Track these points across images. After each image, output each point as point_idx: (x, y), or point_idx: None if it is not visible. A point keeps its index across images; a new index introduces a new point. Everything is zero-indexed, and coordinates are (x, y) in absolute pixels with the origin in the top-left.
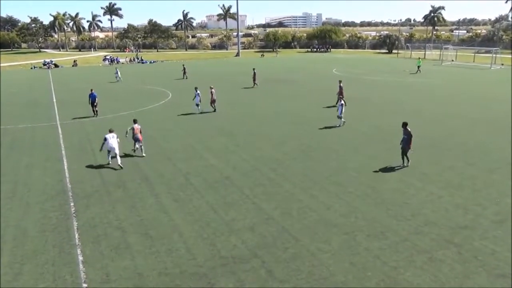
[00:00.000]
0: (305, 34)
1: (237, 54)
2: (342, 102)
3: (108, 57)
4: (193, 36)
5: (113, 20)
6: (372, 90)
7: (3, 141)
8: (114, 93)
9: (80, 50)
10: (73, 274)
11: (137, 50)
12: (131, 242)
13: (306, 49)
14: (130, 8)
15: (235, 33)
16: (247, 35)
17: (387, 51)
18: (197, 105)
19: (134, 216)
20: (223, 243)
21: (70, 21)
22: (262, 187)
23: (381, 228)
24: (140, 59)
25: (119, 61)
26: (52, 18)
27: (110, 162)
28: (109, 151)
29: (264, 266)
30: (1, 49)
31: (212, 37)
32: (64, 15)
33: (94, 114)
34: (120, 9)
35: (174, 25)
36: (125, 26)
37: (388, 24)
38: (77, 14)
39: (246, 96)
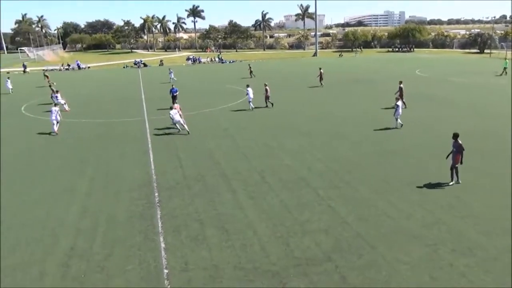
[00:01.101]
0: (386, 33)
1: (315, 54)
2: (399, 103)
3: (191, 57)
4: (271, 36)
5: (196, 21)
6: (458, 92)
7: (98, 134)
8: (194, 91)
9: (166, 51)
10: (156, 259)
11: (217, 50)
12: (208, 235)
13: (387, 49)
14: (212, 10)
15: (313, 33)
16: (325, 35)
17: (478, 50)
18: (249, 102)
19: (211, 210)
20: (297, 244)
21: (157, 23)
22: (337, 189)
23: (468, 243)
24: (220, 59)
25: (200, 61)
26: (142, 21)
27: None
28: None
29: (337, 271)
30: (99, 50)
31: (289, 37)
32: (152, 17)
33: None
34: (202, 11)
35: (253, 25)
36: (207, 27)
37: (479, 21)
38: (164, 17)
39: (320, 96)
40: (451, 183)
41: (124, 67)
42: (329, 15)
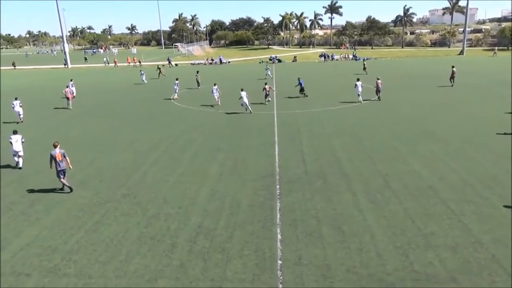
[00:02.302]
0: None
1: (461, 52)
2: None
3: (325, 54)
4: (412, 33)
5: (333, 18)
6: None
7: (232, 124)
8: (323, 88)
9: (300, 47)
10: (271, 249)
11: (352, 47)
12: (324, 233)
13: None
14: (351, 6)
15: (461, 29)
16: (476, 31)
17: None
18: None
19: (329, 209)
20: (417, 257)
21: (295, 20)
22: (472, 204)
23: None
24: (354, 56)
25: (333, 58)
26: (280, 18)
27: None
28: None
29: None
30: (239, 46)
31: (433, 33)
32: (291, 14)
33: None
34: (341, 7)
35: (393, 21)
36: (344, 23)
37: None
38: (301, 14)
39: (454, 98)
40: None
41: (260, 62)
42: (483, 8)
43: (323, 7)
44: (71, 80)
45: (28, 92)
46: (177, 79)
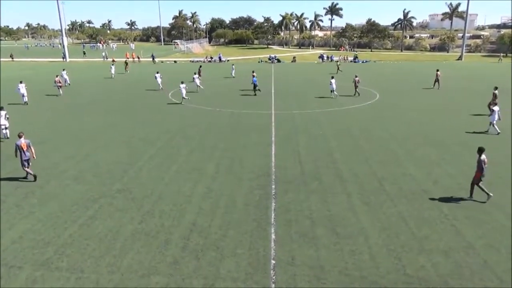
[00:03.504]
0: None
1: (460, 58)
2: (493, 108)
3: (324, 55)
4: (411, 37)
5: (333, 19)
6: None
7: (229, 123)
8: (322, 89)
9: (300, 47)
10: (265, 249)
11: (352, 49)
12: (318, 234)
13: None
14: (351, 8)
15: (460, 34)
16: (475, 37)
17: None
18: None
19: (324, 210)
20: (410, 260)
21: (295, 20)
22: (465, 210)
23: None
24: (354, 58)
25: (332, 59)
26: (281, 18)
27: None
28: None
29: None
30: (238, 44)
31: (432, 38)
32: (291, 15)
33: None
34: (341, 9)
35: (393, 24)
36: (344, 25)
37: None
38: (302, 14)
39: (458, 102)
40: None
41: (259, 62)
42: (483, 14)
43: (324, 8)
44: (63, 70)
45: (27, 83)
46: (182, 83)
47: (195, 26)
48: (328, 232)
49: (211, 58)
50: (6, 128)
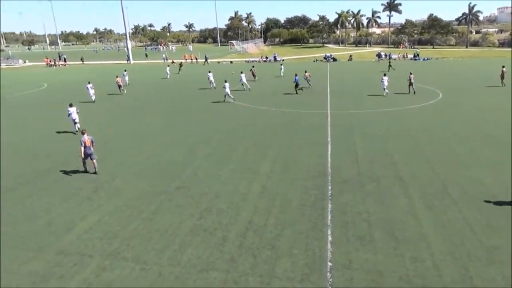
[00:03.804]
0: None
1: None
2: None
3: (382, 53)
4: (477, 32)
5: (391, 16)
6: None
7: (284, 122)
8: (379, 88)
9: (356, 46)
10: (321, 250)
11: (411, 46)
12: (376, 237)
13: None
14: (411, 3)
15: None
16: None
17: None
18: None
19: (382, 213)
20: (478, 271)
21: (351, 18)
22: None
23: None
24: (414, 55)
25: (391, 57)
26: (337, 16)
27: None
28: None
29: None
30: (293, 44)
31: (501, 33)
32: (347, 12)
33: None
34: (400, 4)
35: (457, 19)
36: (403, 21)
37: None
38: (358, 11)
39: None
40: None
41: (314, 61)
42: None
43: (382, 4)
44: (125, 70)
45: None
46: (226, 81)
47: (250, 26)
48: (387, 236)
49: (266, 58)
50: (76, 123)
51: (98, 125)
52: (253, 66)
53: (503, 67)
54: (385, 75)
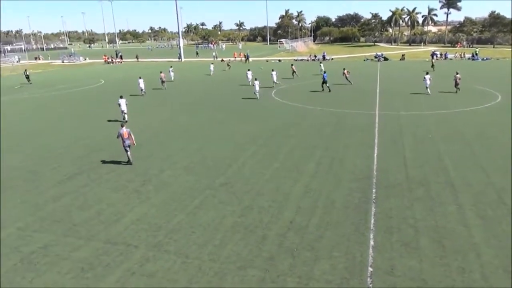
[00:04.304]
0: None
1: None
2: None
3: (437, 52)
4: None
5: (449, 13)
6: None
7: (331, 122)
8: (434, 90)
9: (410, 45)
10: (363, 255)
11: (470, 45)
12: (422, 245)
13: None
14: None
15: None
16: None
17: None
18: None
19: (430, 220)
20: None
21: (406, 15)
22: None
23: None
24: (472, 55)
25: (447, 57)
26: (390, 14)
27: None
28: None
29: None
30: (344, 42)
31: None
32: (402, 10)
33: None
34: (459, 1)
35: None
36: (461, 19)
37: None
38: (414, 9)
39: None
40: None
41: (364, 60)
42: None
43: (440, 1)
44: (170, 67)
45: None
46: (256, 79)
47: (300, 25)
48: (434, 244)
49: (315, 56)
50: (125, 114)
51: (147, 119)
52: (291, 64)
53: None
54: (427, 73)
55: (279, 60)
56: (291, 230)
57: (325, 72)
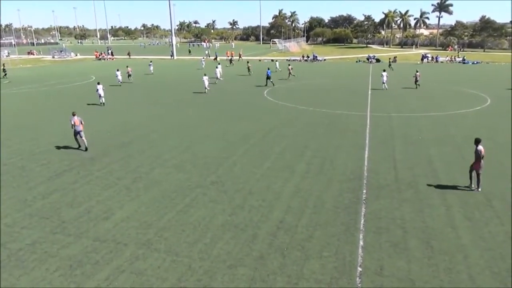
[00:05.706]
0: None
1: None
2: None
3: (428, 55)
4: None
5: (441, 17)
6: None
7: (322, 123)
8: (423, 91)
9: (402, 47)
10: (352, 255)
11: (460, 49)
12: (410, 246)
13: None
14: (461, 5)
15: None
16: None
17: None
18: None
19: (419, 221)
20: None
21: (398, 18)
22: None
23: None
24: (463, 58)
25: (438, 60)
26: (383, 16)
27: None
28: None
29: None
30: (336, 44)
31: None
32: (394, 12)
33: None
34: (451, 5)
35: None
36: (453, 23)
37: None
38: (406, 12)
39: None
40: None
41: (357, 62)
42: None
43: (432, 4)
44: (150, 61)
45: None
46: (205, 75)
47: (293, 25)
48: (422, 245)
49: (308, 57)
50: (102, 97)
51: (144, 118)
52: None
53: None
54: (384, 71)
55: (272, 60)
56: (281, 230)
57: (268, 69)
